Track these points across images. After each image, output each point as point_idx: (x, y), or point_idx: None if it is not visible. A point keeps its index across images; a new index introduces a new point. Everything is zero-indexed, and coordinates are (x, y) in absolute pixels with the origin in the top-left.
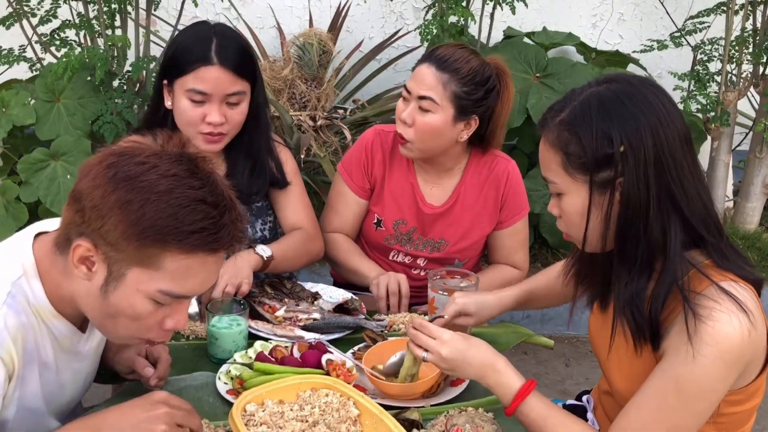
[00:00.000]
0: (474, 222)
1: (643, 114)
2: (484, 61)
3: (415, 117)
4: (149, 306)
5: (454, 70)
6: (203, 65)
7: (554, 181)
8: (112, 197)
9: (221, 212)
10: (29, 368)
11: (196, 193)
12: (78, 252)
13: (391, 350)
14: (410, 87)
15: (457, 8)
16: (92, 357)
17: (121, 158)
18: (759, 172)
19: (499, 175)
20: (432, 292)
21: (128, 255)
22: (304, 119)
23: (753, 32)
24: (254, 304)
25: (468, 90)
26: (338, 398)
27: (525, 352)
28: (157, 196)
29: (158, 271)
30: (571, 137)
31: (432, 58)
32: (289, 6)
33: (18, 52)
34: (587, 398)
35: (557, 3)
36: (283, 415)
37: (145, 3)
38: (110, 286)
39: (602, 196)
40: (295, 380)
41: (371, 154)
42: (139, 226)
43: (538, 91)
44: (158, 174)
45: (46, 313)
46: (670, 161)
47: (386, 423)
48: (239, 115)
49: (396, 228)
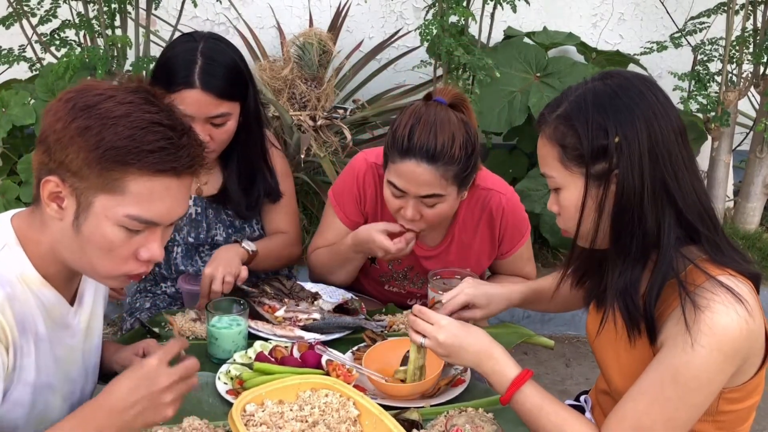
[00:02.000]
0: (470, 260)
1: (637, 106)
2: (459, 120)
3: (422, 211)
4: (120, 233)
5: (449, 158)
6: (185, 88)
7: (552, 176)
8: (72, 126)
9: (179, 134)
10: (25, 339)
11: (153, 116)
12: (47, 188)
13: (391, 350)
14: (403, 187)
15: (457, 8)
16: (84, 333)
17: (79, 93)
18: (759, 172)
19: (494, 211)
20: (432, 292)
21: (92, 182)
22: (304, 119)
23: (753, 32)
24: (254, 305)
25: (464, 164)
26: (338, 398)
27: (525, 352)
28: (114, 120)
29: (123, 195)
30: (567, 130)
31: (418, 152)
32: (289, 6)
33: (18, 52)
34: (585, 398)
35: (557, 3)
36: (283, 416)
37: (145, 3)
38: (81, 218)
39: (598, 188)
40: (295, 380)
41: (363, 189)
42: (99, 149)
43: (538, 90)
44: (115, 102)
45: (33, 281)
46: (665, 153)
47: (386, 423)
48: (224, 134)
49: (391, 266)
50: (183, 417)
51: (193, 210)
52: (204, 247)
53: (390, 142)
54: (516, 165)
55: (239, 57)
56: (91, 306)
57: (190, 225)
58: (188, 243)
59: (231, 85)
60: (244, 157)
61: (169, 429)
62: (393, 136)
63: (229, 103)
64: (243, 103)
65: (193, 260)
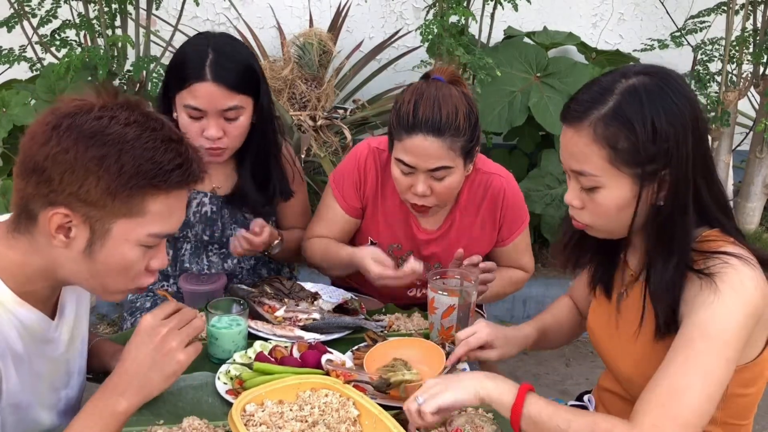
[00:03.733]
0: (471, 245)
1: (685, 107)
2: (460, 93)
3: (432, 185)
4: (138, 252)
5: (455, 129)
6: (197, 81)
7: (594, 175)
8: (87, 155)
9: (186, 147)
10: (4, 362)
11: (161, 134)
12: (54, 221)
13: (391, 350)
14: (412, 162)
15: (457, 8)
16: (68, 343)
17: (75, 118)
18: (759, 172)
19: (496, 194)
20: (432, 292)
21: (112, 209)
22: (304, 119)
23: (753, 32)
24: (254, 304)
25: (470, 135)
26: (338, 398)
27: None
28: (130, 145)
29: (145, 216)
30: (619, 132)
31: (424, 126)
32: (289, 6)
33: (18, 52)
34: (588, 398)
35: (557, 3)
36: (283, 416)
37: (146, 3)
38: (96, 245)
39: (645, 188)
40: (295, 380)
41: (364, 173)
42: (122, 176)
43: (538, 90)
44: (120, 124)
45: (8, 301)
46: (704, 150)
47: (386, 423)
48: (237, 129)
49: (391, 252)
50: (183, 417)
51: (209, 208)
52: (214, 246)
53: (395, 120)
54: (516, 165)
55: (251, 55)
56: (74, 315)
57: (205, 223)
58: (201, 240)
59: (242, 78)
60: (258, 156)
61: (168, 429)
62: (397, 114)
63: (242, 96)
64: (255, 101)
65: (200, 258)
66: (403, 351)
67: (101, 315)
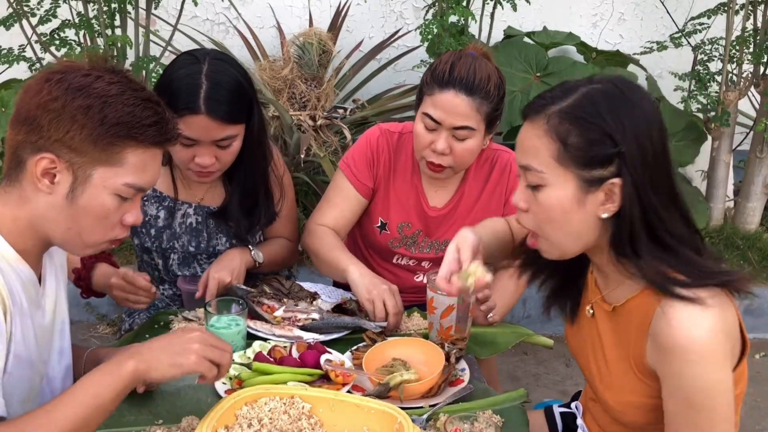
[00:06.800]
0: (478, 219)
1: (643, 121)
2: (494, 67)
3: (452, 145)
4: (115, 202)
5: (485, 93)
6: (190, 114)
7: (539, 170)
8: (73, 105)
9: (164, 109)
10: (15, 309)
11: (142, 94)
12: (41, 165)
13: (390, 350)
14: (439, 117)
15: (457, 8)
16: (51, 316)
17: (66, 74)
18: (759, 172)
19: (503, 166)
20: (431, 292)
21: (92, 157)
22: (304, 119)
23: (753, 32)
24: (253, 304)
25: (496, 105)
26: (280, 402)
27: (525, 352)
28: (113, 99)
29: (122, 167)
30: (572, 128)
31: (458, 84)
32: (289, 6)
33: (18, 52)
34: (576, 405)
35: (557, 3)
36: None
37: (145, 2)
38: (77, 190)
39: (589, 194)
40: (229, 401)
41: (377, 152)
42: (103, 126)
43: (538, 90)
44: (105, 82)
45: (11, 258)
46: (665, 172)
47: (343, 400)
48: (230, 155)
49: (401, 231)
50: (182, 417)
51: (194, 219)
52: (201, 256)
53: (428, 77)
54: None
55: (243, 75)
56: (54, 291)
57: (190, 234)
58: (187, 252)
59: (236, 108)
60: (247, 176)
61: (168, 429)
62: (433, 71)
63: (235, 126)
64: (249, 122)
65: (191, 267)
66: (402, 351)
67: (101, 315)
